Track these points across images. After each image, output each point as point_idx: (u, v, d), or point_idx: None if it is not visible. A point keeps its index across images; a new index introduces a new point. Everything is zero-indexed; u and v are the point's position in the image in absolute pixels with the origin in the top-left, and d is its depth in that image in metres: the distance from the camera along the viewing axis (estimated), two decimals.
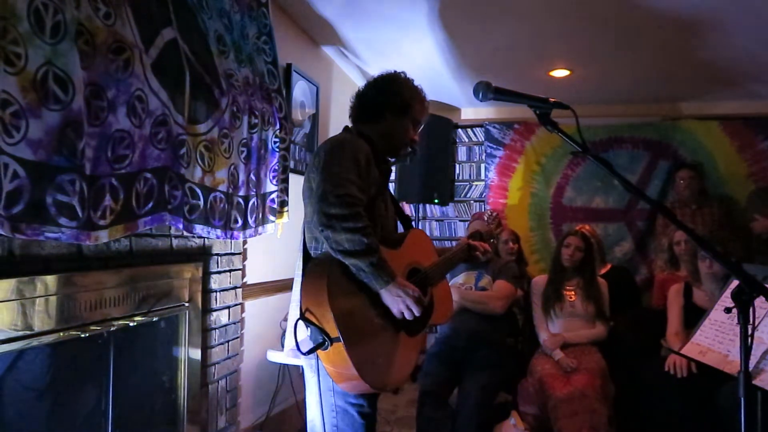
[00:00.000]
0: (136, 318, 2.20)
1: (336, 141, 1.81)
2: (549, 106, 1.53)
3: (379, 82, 2.00)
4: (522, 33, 3.70)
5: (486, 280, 3.40)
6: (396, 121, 1.97)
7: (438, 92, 5.09)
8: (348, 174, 1.67)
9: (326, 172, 1.67)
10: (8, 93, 1.41)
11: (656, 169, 5.18)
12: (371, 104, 1.98)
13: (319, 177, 1.67)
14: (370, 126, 1.97)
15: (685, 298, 3.23)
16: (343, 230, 1.59)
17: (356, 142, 1.82)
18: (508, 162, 5.54)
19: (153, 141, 1.98)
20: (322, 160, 1.72)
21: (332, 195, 1.61)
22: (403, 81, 2.01)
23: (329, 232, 1.61)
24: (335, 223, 1.60)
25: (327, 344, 1.60)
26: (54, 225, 1.57)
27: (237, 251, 2.92)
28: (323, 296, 1.60)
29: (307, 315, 1.64)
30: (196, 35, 2.33)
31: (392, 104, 1.96)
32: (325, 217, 1.60)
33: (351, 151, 1.74)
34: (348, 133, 1.96)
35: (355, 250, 1.61)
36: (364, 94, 2.01)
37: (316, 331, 1.61)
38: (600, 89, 4.91)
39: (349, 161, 1.71)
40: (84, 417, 2.05)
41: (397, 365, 1.76)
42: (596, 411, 2.90)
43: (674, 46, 3.80)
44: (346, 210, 1.60)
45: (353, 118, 2.04)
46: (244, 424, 3.10)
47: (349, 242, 1.60)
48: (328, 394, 1.76)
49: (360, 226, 1.61)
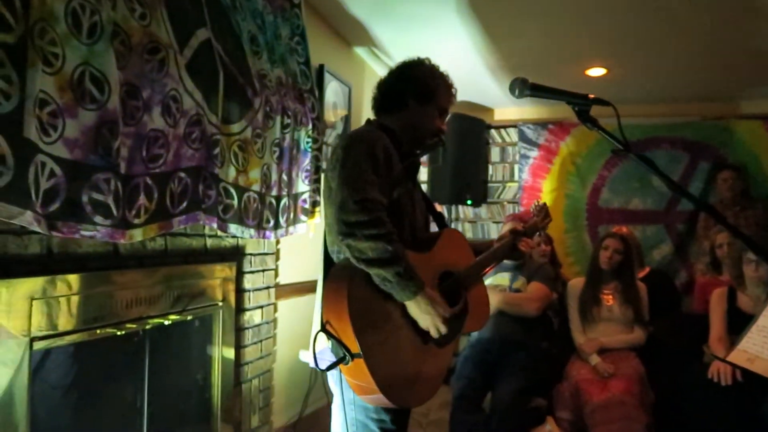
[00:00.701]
0: (171, 317, 2.22)
1: (352, 137, 1.70)
2: (588, 102, 1.48)
3: (401, 69, 1.86)
4: (557, 30, 3.63)
5: (521, 281, 3.34)
6: (420, 109, 1.82)
7: (470, 92, 5.05)
8: (365, 174, 1.55)
9: (343, 174, 1.56)
10: (46, 92, 1.43)
11: (696, 171, 5.03)
12: (393, 92, 1.84)
13: (337, 180, 1.56)
14: (394, 116, 1.84)
15: (728, 303, 3.11)
16: (365, 238, 1.48)
17: (373, 135, 1.68)
18: (542, 163, 5.45)
19: (187, 141, 1.99)
20: (339, 159, 1.60)
21: (351, 201, 1.50)
22: (427, 66, 1.86)
23: (350, 241, 1.49)
24: (356, 230, 1.48)
25: (348, 360, 1.49)
26: (89, 223, 1.58)
27: (270, 251, 2.92)
28: (343, 308, 1.49)
29: (327, 327, 1.53)
30: (230, 36, 2.34)
31: (415, 91, 1.81)
32: (345, 226, 1.49)
33: (367, 147, 1.61)
34: (367, 125, 1.84)
35: (378, 259, 1.49)
36: (385, 83, 1.88)
37: (337, 345, 1.51)
38: (638, 88, 4.79)
39: (365, 159, 1.58)
40: (120, 414, 2.07)
41: (424, 380, 1.64)
42: (634, 418, 2.82)
43: (720, 38, 3.66)
44: (366, 216, 1.49)
45: (375, 109, 1.90)
46: (276, 423, 3.10)
47: (372, 251, 1.48)
48: (349, 407, 1.67)
49: (383, 232, 1.49)
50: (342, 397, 1.66)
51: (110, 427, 2.03)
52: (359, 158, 1.57)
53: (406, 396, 1.59)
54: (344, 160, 1.58)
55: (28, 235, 1.61)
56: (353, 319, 1.48)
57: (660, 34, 3.64)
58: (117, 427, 2.06)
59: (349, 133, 1.77)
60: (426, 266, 1.66)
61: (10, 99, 1.34)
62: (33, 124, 1.39)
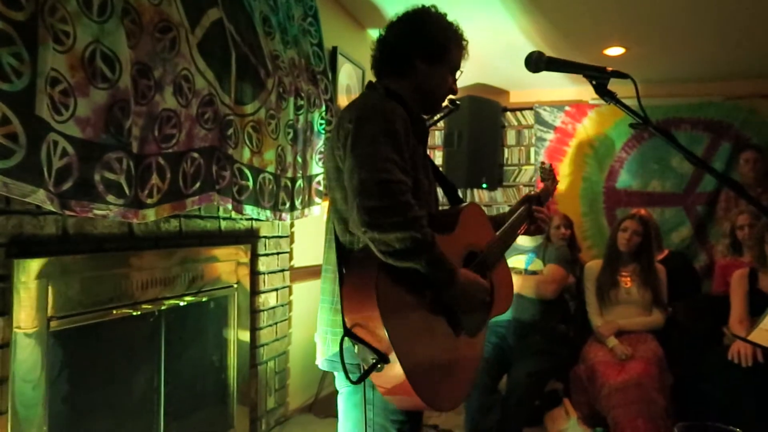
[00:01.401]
0: (186, 298, 2.23)
1: (364, 108, 1.43)
2: (606, 75, 1.44)
3: (404, 23, 1.58)
4: (574, 9, 3.55)
5: (537, 263, 3.31)
6: (430, 70, 1.58)
7: (486, 75, 4.99)
8: (386, 152, 1.33)
9: (358, 152, 1.33)
10: (57, 71, 1.43)
11: (718, 151, 4.93)
12: (397, 53, 1.57)
13: (351, 160, 1.34)
14: (399, 79, 1.58)
15: (750, 284, 3.06)
16: (392, 227, 1.26)
17: (388, 105, 1.43)
18: (559, 145, 5.38)
19: (200, 121, 1.98)
20: (352, 135, 1.37)
21: (371, 183, 1.28)
22: (435, 18, 1.60)
23: (375, 233, 1.27)
24: (381, 219, 1.26)
25: (381, 365, 1.32)
26: (102, 202, 1.59)
27: (285, 234, 2.93)
28: (373, 308, 1.30)
29: (355, 330, 1.35)
30: (242, 16, 2.32)
31: (424, 51, 1.56)
32: (368, 214, 1.26)
33: (386, 121, 1.38)
34: (374, 93, 1.55)
35: (407, 249, 1.28)
36: (386, 41, 1.59)
37: (367, 351, 1.33)
38: (657, 67, 4.70)
39: (386, 135, 1.36)
40: (137, 394, 2.09)
41: (457, 380, 1.49)
42: (653, 400, 2.79)
43: (744, 14, 3.55)
44: (390, 200, 1.27)
45: (377, 70, 1.63)
46: (292, 405, 3.12)
47: (400, 241, 1.27)
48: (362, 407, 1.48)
49: (411, 218, 1.28)
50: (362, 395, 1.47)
51: (127, 408, 2.05)
52: (376, 134, 1.35)
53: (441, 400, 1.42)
54: (357, 135, 1.36)
55: (44, 215, 1.62)
56: (385, 318, 1.29)
57: (680, 11, 3.54)
58: (133, 408, 2.08)
59: (357, 103, 1.48)
60: (452, 248, 1.47)
61: (22, 77, 1.33)
62: (44, 102, 1.39)
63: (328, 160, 1.51)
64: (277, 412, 2.90)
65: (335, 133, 1.45)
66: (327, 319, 1.50)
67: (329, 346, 1.49)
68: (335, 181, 1.47)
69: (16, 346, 1.55)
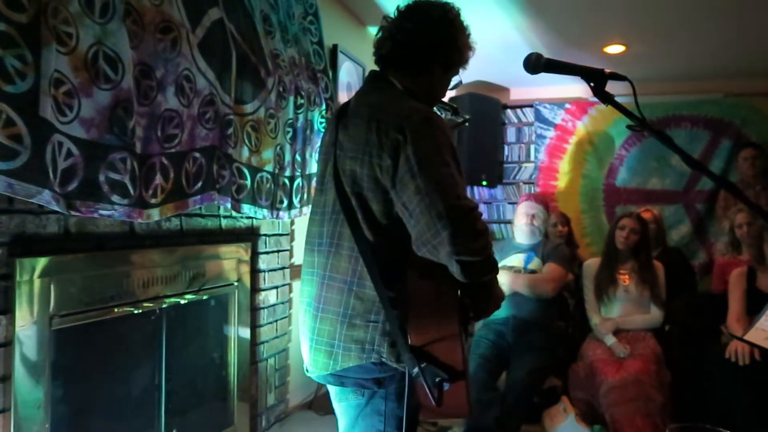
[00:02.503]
0: (187, 296, 2.24)
1: (419, 119, 1.35)
2: (604, 77, 1.45)
3: (434, 25, 1.51)
4: (575, 7, 3.56)
5: (535, 262, 3.32)
6: (442, 77, 1.57)
7: (486, 72, 4.99)
8: (457, 175, 1.32)
9: (432, 174, 1.28)
10: (61, 72, 1.44)
11: (718, 149, 4.95)
12: (421, 55, 1.51)
13: (423, 182, 1.27)
14: (413, 78, 1.52)
15: (748, 283, 3.08)
16: (476, 252, 1.27)
17: (436, 115, 1.40)
18: (559, 143, 5.39)
19: (201, 121, 2.00)
20: (414, 151, 1.30)
21: (461, 212, 1.26)
22: (460, 26, 1.56)
23: (466, 258, 1.26)
24: (471, 245, 1.26)
25: (447, 385, 1.32)
26: (107, 202, 1.60)
27: (285, 232, 2.94)
28: (453, 328, 1.32)
29: (427, 349, 1.32)
30: (243, 15, 2.33)
31: (446, 58, 1.54)
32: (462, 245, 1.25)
33: (444, 136, 1.35)
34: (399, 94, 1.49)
35: (487, 269, 1.34)
36: (411, 36, 1.50)
37: (435, 370, 1.31)
38: (657, 65, 4.70)
39: (448, 153, 1.33)
40: (138, 391, 2.11)
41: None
42: (651, 398, 2.81)
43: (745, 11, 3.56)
44: (476, 228, 1.28)
45: (390, 64, 1.54)
46: (292, 402, 3.14)
47: (482, 265, 1.31)
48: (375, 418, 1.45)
49: (487, 242, 1.31)
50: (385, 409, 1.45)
51: (128, 405, 2.07)
52: (442, 152, 1.32)
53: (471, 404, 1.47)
54: (424, 154, 1.30)
55: (46, 214, 1.64)
56: (462, 340, 1.33)
57: (680, 8, 3.55)
58: (135, 405, 2.10)
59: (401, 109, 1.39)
60: None
61: (26, 78, 1.35)
62: (49, 103, 1.40)
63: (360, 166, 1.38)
64: (277, 408, 2.92)
65: (375, 138, 1.35)
66: (334, 332, 1.41)
67: (338, 361, 1.41)
68: (370, 192, 1.37)
69: (19, 345, 1.57)
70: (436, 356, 1.31)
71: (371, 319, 1.38)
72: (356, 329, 1.38)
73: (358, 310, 1.38)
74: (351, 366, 1.39)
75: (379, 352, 1.37)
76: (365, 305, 1.38)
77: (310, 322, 1.46)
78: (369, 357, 1.38)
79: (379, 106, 1.42)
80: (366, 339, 1.38)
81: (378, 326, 1.37)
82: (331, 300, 1.42)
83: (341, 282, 1.41)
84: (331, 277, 1.43)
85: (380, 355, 1.37)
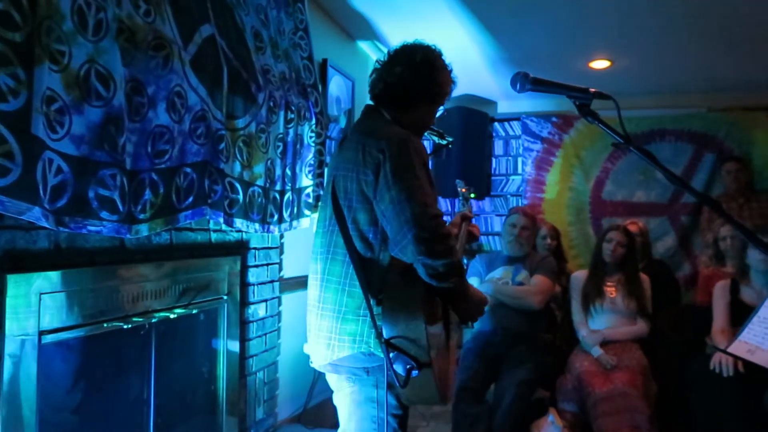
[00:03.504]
0: (177, 310, 2.24)
1: (398, 141, 1.59)
2: (589, 96, 1.49)
3: (417, 66, 1.73)
4: (561, 23, 3.62)
5: (523, 275, 3.36)
6: (427, 109, 1.81)
7: (474, 86, 5.04)
8: (427, 188, 1.55)
9: (405, 186, 1.51)
10: (53, 90, 1.45)
11: (701, 162, 5.02)
12: (408, 92, 1.74)
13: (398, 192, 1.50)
14: (402, 112, 1.76)
15: (731, 295, 3.12)
16: (438, 255, 1.48)
17: (415, 140, 1.63)
18: (546, 156, 5.45)
19: (192, 136, 2.01)
20: (392, 167, 1.53)
21: (425, 219, 1.48)
22: (440, 65, 1.79)
23: (428, 259, 1.48)
24: (432, 247, 1.48)
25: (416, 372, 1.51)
26: (96, 218, 1.61)
27: (274, 245, 2.95)
28: (419, 321, 1.50)
29: (395, 340, 1.52)
30: (234, 31, 2.35)
31: (430, 94, 1.77)
32: (422, 244, 1.47)
33: (418, 155, 1.58)
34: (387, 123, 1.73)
35: (448, 273, 1.52)
36: (398, 77, 1.73)
37: (405, 358, 1.51)
38: (642, 80, 4.78)
39: (420, 169, 1.56)
40: (127, 406, 2.10)
41: (451, 375, 1.74)
42: (637, 409, 2.84)
43: (728, 28, 3.63)
44: (438, 232, 1.49)
45: (381, 100, 1.78)
46: (282, 415, 3.14)
47: (444, 267, 1.50)
48: (369, 405, 1.66)
49: (451, 246, 1.52)
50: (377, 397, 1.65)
51: (117, 420, 2.06)
52: (415, 168, 1.55)
53: (447, 392, 1.66)
54: (399, 169, 1.53)
55: (36, 230, 1.64)
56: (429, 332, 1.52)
57: (664, 25, 3.62)
58: (124, 420, 2.09)
59: (384, 133, 1.63)
60: None
61: (18, 96, 1.36)
62: (40, 121, 1.41)
63: (348, 181, 1.63)
64: (266, 422, 2.91)
65: (359, 157, 1.60)
66: (332, 326, 1.64)
67: (334, 351, 1.63)
68: (358, 204, 1.62)
69: (8, 360, 1.56)
70: (405, 348, 1.52)
71: (361, 313, 1.60)
72: (349, 323, 1.60)
73: (350, 307, 1.61)
74: (345, 356, 1.61)
75: (368, 342, 1.59)
76: (356, 302, 1.60)
77: (314, 321, 1.70)
78: (359, 347, 1.60)
79: (367, 132, 1.67)
80: (357, 331, 1.60)
81: (367, 320, 1.59)
82: (329, 299, 1.65)
83: (336, 283, 1.64)
84: (329, 280, 1.66)
85: (369, 345, 1.59)
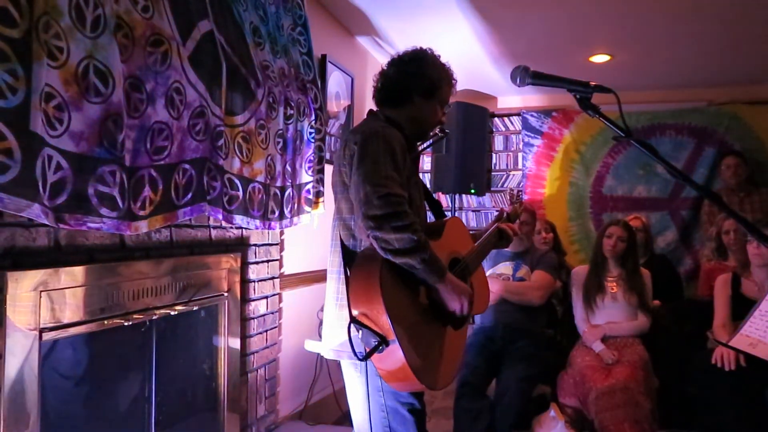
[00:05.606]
0: (177, 307, 2.24)
1: (369, 132, 1.67)
2: (589, 89, 1.48)
3: (405, 63, 1.84)
4: (560, 17, 3.61)
5: (524, 270, 3.35)
6: (424, 104, 1.84)
7: (474, 81, 5.03)
8: (387, 170, 1.59)
9: (364, 170, 1.58)
10: (51, 86, 1.45)
11: (702, 156, 5.02)
12: (397, 87, 1.83)
13: (357, 176, 1.59)
14: (398, 110, 1.84)
15: (733, 289, 3.11)
16: (392, 230, 1.52)
17: (387, 131, 1.69)
18: (546, 151, 5.44)
19: (191, 132, 2.00)
20: (357, 154, 1.62)
21: (375, 197, 1.53)
22: (431, 60, 1.85)
23: (378, 233, 1.53)
24: (383, 223, 1.52)
25: (382, 347, 1.54)
26: (96, 215, 1.60)
27: (274, 242, 2.94)
28: (376, 296, 1.54)
29: (359, 317, 1.57)
30: (232, 27, 2.34)
31: (420, 87, 1.82)
32: (372, 220, 1.53)
33: (386, 144, 1.63)
34: (376, 120, 1.82)
35: (405, 249, 1.54)
36: (388, 76, 1.85)
37: (370, 334, 1.55)
38: (642, 74, 4.77)
39: (386, 155, 1.61)
40: (128, 403, 2.10)
41: (447, 362, 1.72)
42: (639, 404, 2.83)
43: (728, 22, 3.62)
44: (391, 209, 1.53)
45: (378, 101, 1.90)
46: (282, 412, 3.14)
47: (398, 241, 1.53)
48: (376, 395, 1.70)
49: (408, 223, 1.53)
50: (366, 385, 1.70)
51: (118, 416, 2.06)
52: (378, 154, 1.61)
53: (435, 378, 1.66)
54: (362, 156, 1.61)
55: (36, 227, 1.63)
56: (388, 307, 1.53)
57: (664, 19, 3.61)
58: (125, 416, 2.09)
59: (362, 128, 1.73)
60: (438, 252, 1.70)
61: (17, 93, 1.35)
62: (39, 117, 1.40)
63: (334, 175, 1.76)
64: (267, 419, 2.91)
65: (341, 152, 1.72)
66: (332, 314, 1.74)
67: (335, 338, 1.71)
68: (341, 194, 1.74)
69: (9, 358, 1.56)
70: (369, 325, 1.56)
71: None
72: (344, 309, 1.65)
73: (343, 293, 1.67)
74: (343, 341, 1.65)
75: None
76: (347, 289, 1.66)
77: (327, 309, 1.79)
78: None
79: (353, 130, 1.78)
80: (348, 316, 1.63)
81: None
82: (330, 288, 1.76)
83: (334, 273, 1.76)
84: (331, 271, 1.78)
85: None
